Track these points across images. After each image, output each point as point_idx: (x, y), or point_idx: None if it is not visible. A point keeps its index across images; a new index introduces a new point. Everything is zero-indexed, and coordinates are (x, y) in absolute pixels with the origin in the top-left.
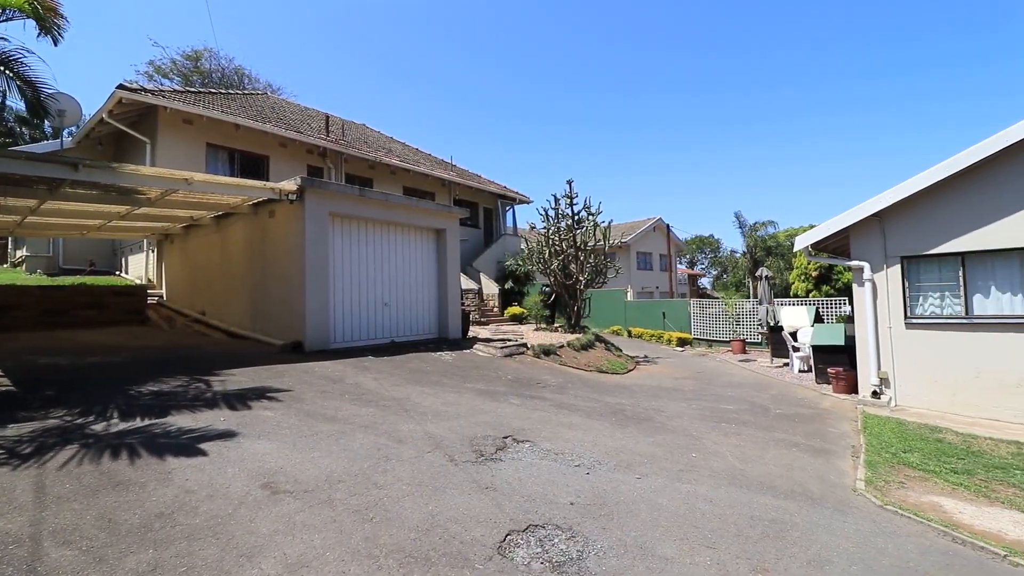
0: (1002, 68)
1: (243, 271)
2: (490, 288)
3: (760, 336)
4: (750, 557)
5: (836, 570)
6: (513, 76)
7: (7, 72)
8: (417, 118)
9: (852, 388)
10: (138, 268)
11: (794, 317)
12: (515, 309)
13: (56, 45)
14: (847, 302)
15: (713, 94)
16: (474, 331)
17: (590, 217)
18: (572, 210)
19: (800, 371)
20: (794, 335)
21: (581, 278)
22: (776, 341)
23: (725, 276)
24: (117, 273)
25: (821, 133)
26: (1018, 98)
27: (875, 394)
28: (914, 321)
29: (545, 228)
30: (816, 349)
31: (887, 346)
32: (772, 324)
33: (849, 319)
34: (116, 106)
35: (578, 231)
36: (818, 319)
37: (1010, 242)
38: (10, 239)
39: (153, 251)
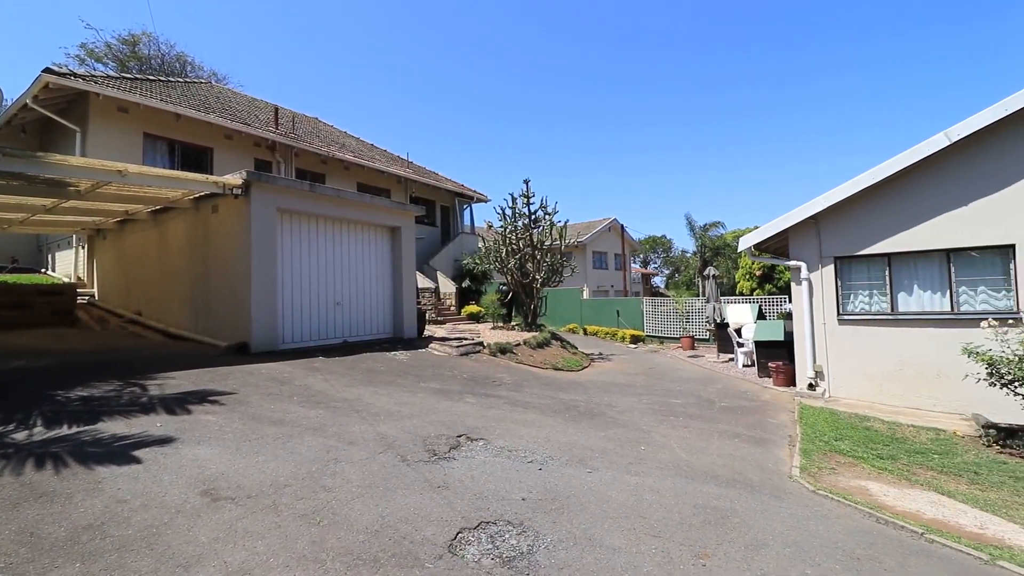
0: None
1: (184, 269)
2: (447, 287)
3: (708, 333)
4: (692, 544)
5: (771, 552)
6: (474, 73)
7: None
8: (373, 114)
9: (791, 381)
10: (67, 265)
11: (739, 314)
12: (472, 308)
13: None
14: (787, 300)
15: (665, 98)
16: (430, 330)
17: (546, 216)
18: (529, 209)
19: (744, 366)
20: (739, 331)
21: (538, 277)
22: (722, 337)
23: (677, 275)
24: (43, 271)
25: (774, 135)
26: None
27: (811, 386)
28: (846, 317)
29: (502, 227)
30: (758, 344)
31: (822, 341)
32: (719, 321)
33: (789, 316)
34: (42, 91)
35: (535, 230)
36: (761, 316)
37: (930, 244)
38: None
39: (83, 247)
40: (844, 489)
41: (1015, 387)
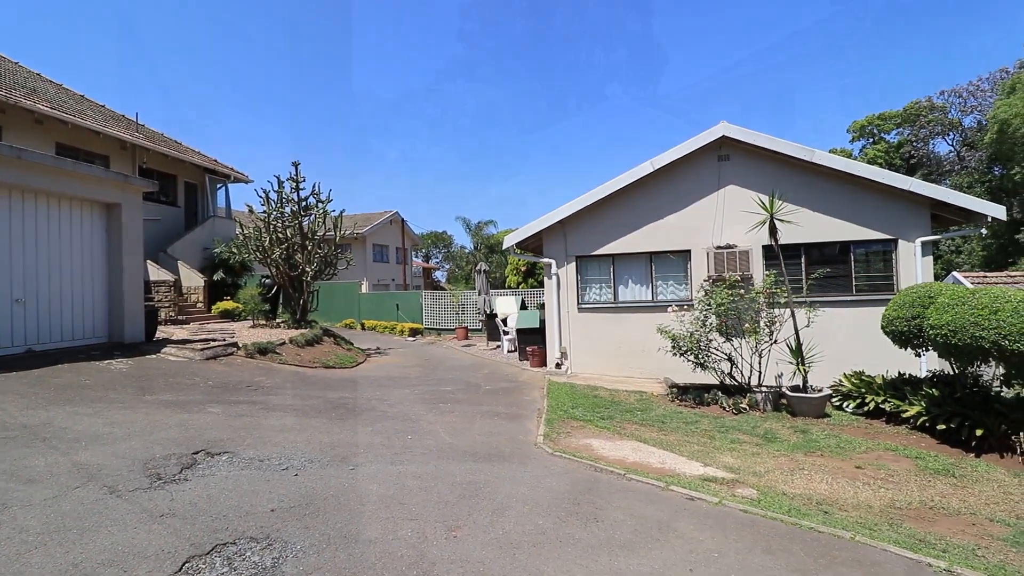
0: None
1: None
2: (193, 280)
3: (480, 323)
4: (446, 519)
5: (513, 512)
6: (235, 44)
7: None
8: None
9: (544, 362)
10: None
11: (505, 306)
12: (227, 304)
13: None
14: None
15: (451, 95)
16: (168, 331)
17: (319, 204)
18: (299, 195)
19: (509, 352)
20: (505, 321)
21: (308, 269)
22: (491, 327)
23: (457, 270)
24: None
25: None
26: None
27: (558, 365)
28: (584, 306)
29: (265, 212)
30: (519, 332)
31: (567, 326)
32: (489, 312)
33: (543, 306)
34: None
35: (305, 218)
36: (523, 307)
37: (640, 248)
38: None
39: None
40: (575, 448)
41: (687, 356)
